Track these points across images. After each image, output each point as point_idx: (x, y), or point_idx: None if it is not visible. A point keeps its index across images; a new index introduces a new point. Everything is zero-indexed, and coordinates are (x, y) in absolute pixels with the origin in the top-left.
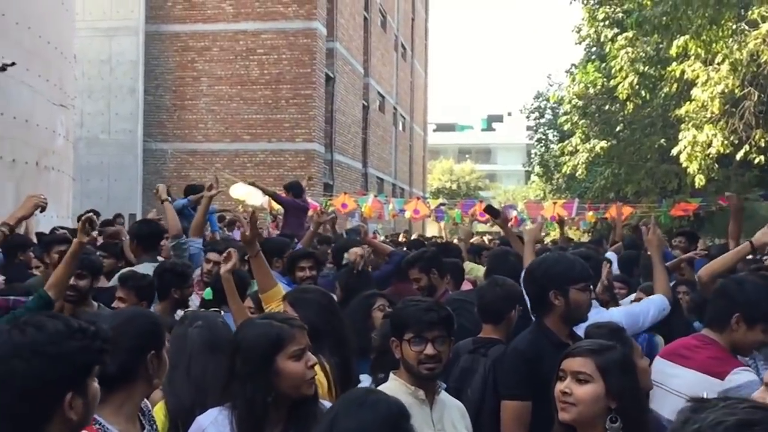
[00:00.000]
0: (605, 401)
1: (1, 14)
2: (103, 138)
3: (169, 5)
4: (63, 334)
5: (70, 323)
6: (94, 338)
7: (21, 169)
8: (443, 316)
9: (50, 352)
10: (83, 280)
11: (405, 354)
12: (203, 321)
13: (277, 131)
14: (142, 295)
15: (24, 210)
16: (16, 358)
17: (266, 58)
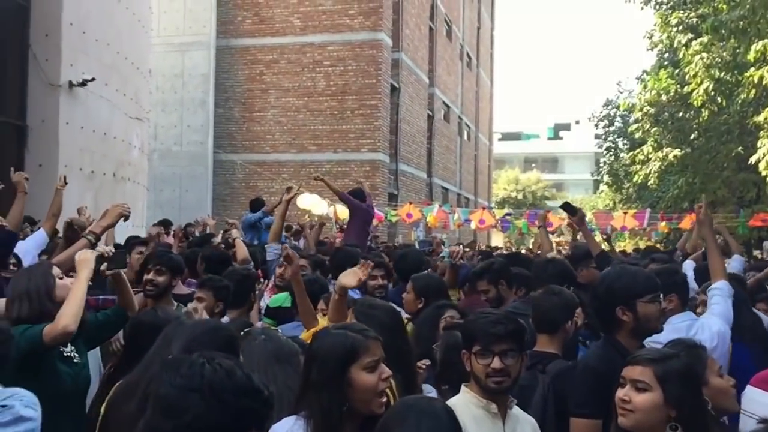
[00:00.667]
0: (664, 410)
1: (83, 32)
2: (175, 150)
3: (239, 20)
4: (244, 389)
5: (253, 382)
6: (264, 404)
7: (99, 180)
8: (511, 329)
9: (227, 400)
10: (162, 276)
11: (474, 367)
12: (265, 335)
13: (342, 142)
14: (220, 295)
15: (109, 219)
16: (197, 393)
17: (332, 69)
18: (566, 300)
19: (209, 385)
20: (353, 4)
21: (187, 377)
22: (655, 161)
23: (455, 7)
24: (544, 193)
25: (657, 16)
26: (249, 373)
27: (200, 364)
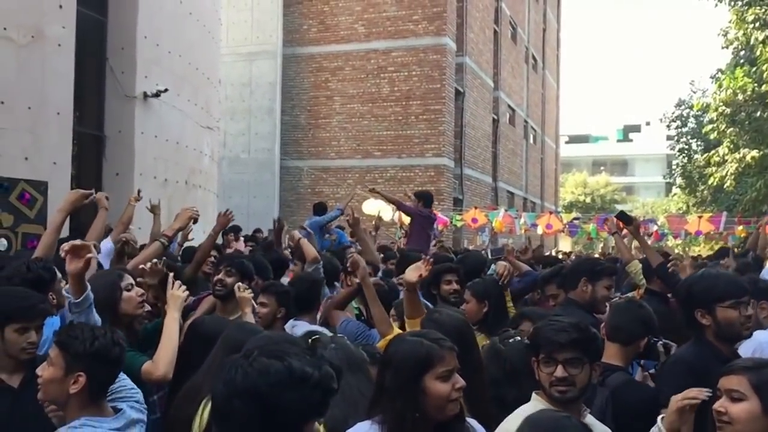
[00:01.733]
0: (763, 420)
1: (156, 45)
2: (243, 157)
3: (305, 28)
4: (283, 384)
5: (293, 372)
6: (314, 389)
7: (172, 187)
8: (576, 337)
9: (268, 400)
10: (231, 277)
11: (539, 375)
12: (335, 343)
13: (407, 147)
14: (282, 301)
15: (180, 222)
16: (237, 398)
17: (396, 75)
18: (649, 315)
19: (245, 389)
20: (417, 9)
21: (226, 383)
22: (731, 163)
23: (520, 9)
24: (613, 197)
25: (732, 12)
26: (291, 362)
27: (235, 368)
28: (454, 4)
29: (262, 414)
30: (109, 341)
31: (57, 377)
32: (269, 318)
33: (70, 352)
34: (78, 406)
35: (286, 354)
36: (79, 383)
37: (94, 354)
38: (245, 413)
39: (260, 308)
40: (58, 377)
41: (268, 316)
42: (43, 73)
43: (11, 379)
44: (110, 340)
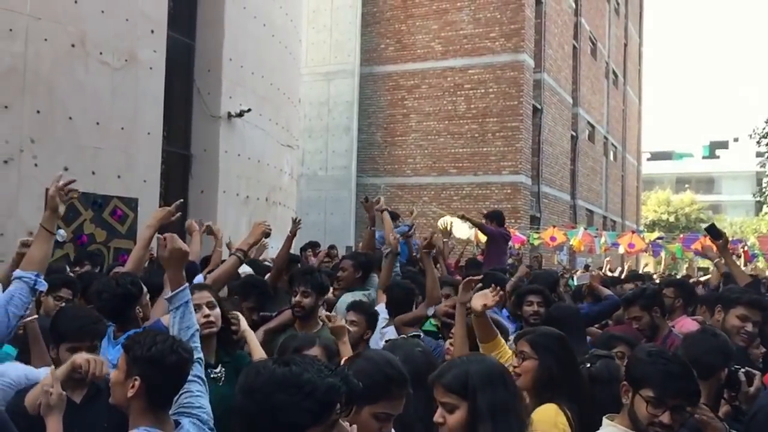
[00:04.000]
0: None
1: (240, 66)
2: (321, 174)
3: (382, 47)
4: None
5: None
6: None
7: (253, 204)
8: (694, 389)
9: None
10: (308, 297)
11: (637, 408)
12: (401, 355)
13: (483, 164)
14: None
15: (253, 237)
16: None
17: (473, 92)
18: (725, 343)
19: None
20: (495, 26)
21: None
22: None
23: (600, 24)
24: (699, 216)
25: None
26: (293, 369)
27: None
28: (532, 20)
29: (260, 413)
30: (167, 348)
31: (119, 380)
32: (356, 338)
33: (130, 356)
34: (138, 412)
35: (297, 363)
36: (135, 387)
37: (149, 359)
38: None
39: (350, 326)
40: (120, 380)
41: (356, 335)
42: (135, 94)
43: (74, 394)
44: (169, 346)
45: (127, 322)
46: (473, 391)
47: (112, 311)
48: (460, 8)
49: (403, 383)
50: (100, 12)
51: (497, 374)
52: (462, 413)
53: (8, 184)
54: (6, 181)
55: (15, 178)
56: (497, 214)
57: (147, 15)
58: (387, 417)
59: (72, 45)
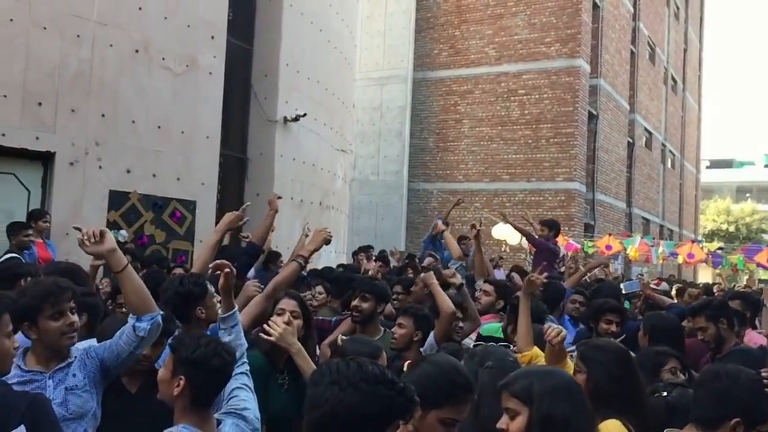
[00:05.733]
0: None
1: (297, 71)
2: (372, 179)
3: (435, 53)
4: (377, 378)
5: (386, 374)
6: (401, 393)
7: (307, 208)
8: None
9: (362, 388)
10: (366, 303)
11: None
12: (494, 361)
13: (536, 170)
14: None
15: (315, 243)
16: (335, 385)
17: (527, 98)
18: None
19: (344, 377)
20: (550, 31)
21: (326, 374)
22: None
23: (659, 29)
24: (760, 226)
25: None
26: (383, 367)
27: (336, 363)
28: (589, 25)
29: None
30: (210, 351)
31: (166, 378)
32: (405, 340)
33: (176, 356)
34: (181, 410)
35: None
36: (180, 386)
37: (193, 360)
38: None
39: (397, 329)
40: (166, 378)
41: (405, 338)
42: (195, 99)
43: (130, 384)
44: (212, 350)
45: (190, 322)
46: (536, 399)
47: (175, 310)
48: (515, 13)
49: (468, 389)
50: (162, 18)
51: (562, 386)
52: (523, 420)
53: (74, 186)
54: (71, 182)
55: (80, 180)
56: (554, 223)
57: (207, 21)
58: (452, 422)
59: (136, 50)
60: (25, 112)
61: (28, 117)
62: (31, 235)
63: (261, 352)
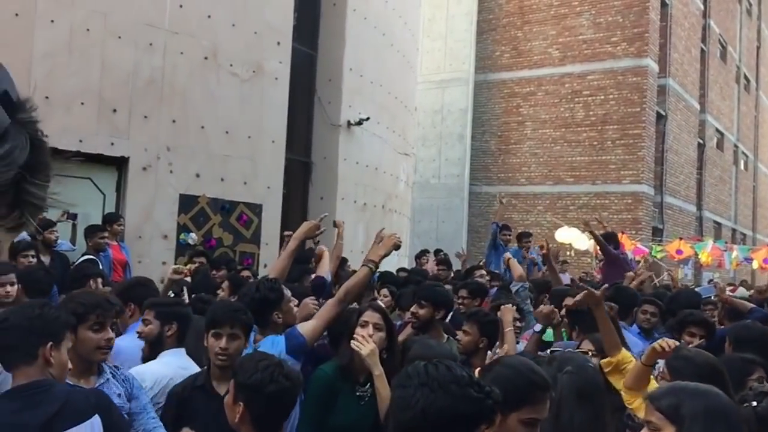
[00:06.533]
0: None
1: (360, 75)
2: (433, 182)
3: (497, 55)
4: (466, 381)
5: (473, 377)
6: (488, 395)
7: (370, 211)
8: None
9: (453, 390)
10: (423, 309)
11: None
12: (574, 366)
13: (602, 173)
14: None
15: (385, 248)
16: (426, 386)
17: (592, 99)
18: None
19: (434, 379)
20: (616, 31)
21: (414, 377)
22: None
23: (731, 26)
24: None
25: None
26: (469, 370)
27: (423, 365)
28: (657, 23)
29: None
30: (267, 376)
31: (229, 403)
32: (471, 347)
33: (236, 381)
34: None
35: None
36: (239, 413)
37: (250, 386)
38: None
39: (463, 336)
40: (229, 403)
41: (470, 344)
42: (261, 104)
43: (220, 387)
44: (269, 375)
45: (267, 326)
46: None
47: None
48: (579, 13)
49: (546, 386)
50: (231, 26)
51: (718, 409)
52: None
53: (146, 190)
54: (144, 186)
55: (152, 184)
56: (613, 235)
57: (274, 27)
58: (534, 422)
59: (205, 57)
60: (100, 119)
61: (103, 123)
62: (107, 237)
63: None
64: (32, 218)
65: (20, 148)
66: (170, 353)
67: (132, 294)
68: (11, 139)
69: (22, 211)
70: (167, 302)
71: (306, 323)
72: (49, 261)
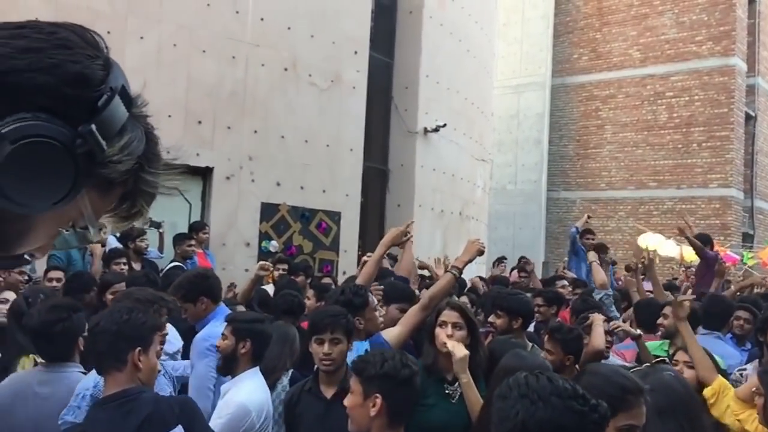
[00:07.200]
0: None
1: (436, 82)
2: (509, 188)
3: (575, 57)
4: (568, 393)
5: (577, 389)
6: (593, 409)
7: (447, 218)
8: None
9: (554, 402)
10: (499, 318)
11: None
12: (653, 383)
13: (687, 177)
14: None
15: (468, 254)
16: (526, 398)
17: (676, 100)
18: None
19: (535, 391)
20: (701, 30)
21: (514, 388)
22: None
23: None
24: None
25: None
26: (573, 383)
27: (524, 376)
28: (744, 21)
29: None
30: (398, 363)
31: (357, 403)
32: (557, 365)
33: (363, 377)
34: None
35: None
36: (377, 405)
37: (384, 375)
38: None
39: (547, 355)
40: (358, 403)
41: (556, 363)
42: (339, 113)
43: (326, 390)
44: (399, 361)
45: None
46: None
47: None
48: (661, 12)
49: (639, 390)
50: (309, 37)
51: None
52: None
53: (229, 199)
54: (227, 195)
55: (235, 193)
56: (706, 237)
57: (351, 37)
58: (632, 428)
59: (285, 69)
60: (186, 130)
61: (189, 135)
62: (193, 245)
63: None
64: (147, 206)
65: (138, 139)
66: (249, 375)
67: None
68: (130, 130)
69: (135, 201)
70: (245, 318)
71: (391, 329)
72: (139, 268)
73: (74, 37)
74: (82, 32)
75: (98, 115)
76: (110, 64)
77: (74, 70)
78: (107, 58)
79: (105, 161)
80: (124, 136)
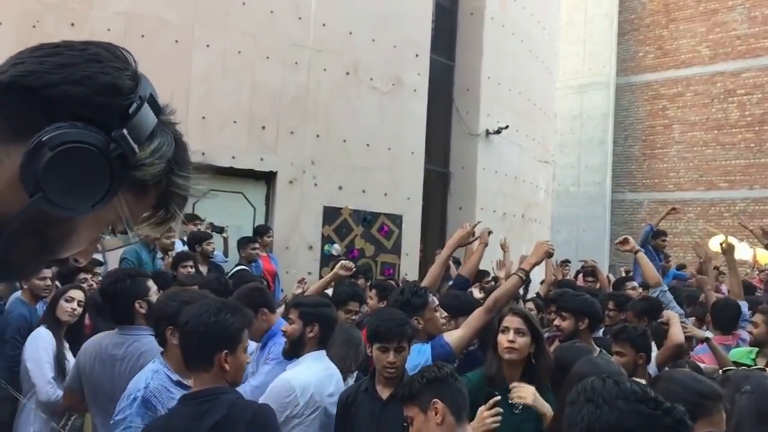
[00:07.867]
0: None
1: (498, 84)
2: (572, 190)
3: (641, 56)
4: (636, 396)
5: (647, 391)
6: (667, 413)
7: (510, 221)
8: None
9: (620, 406)
10: (565, 321)
11: None
12: (752, 385)
13: (761, 177)
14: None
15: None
16: (591, 402)
17: (748, 98)
18: None
19: (600, 395)
20: None
21: (581, 393)
22: None
23: None
24: None
25: None
26: (644, 386)
27: (591, 381)
28: None
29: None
30: (433, 368)
31: (422, 420)
32: (630, 368)
33: (414, 395)
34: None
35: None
36: (439, 409)
37: (430, 381)
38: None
39: (618, 358)
40: (423, 420)
41: (629, 365)
42: (400, 116)
43: (383, 391)
44: (434, 367)
45: None
46: None
47: None
48: (731, 7)
49: (717, 396)
50: (371, 41)
51: None
52: None
53: (292, 202)
54: (291, 199)
55: (298, 197)
56: None
57: (412, 40)
58: None
59: (347, 73)
60: (251, 136)
61: (253, 140)
62: (258, 249)
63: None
64: (180, 210)
65: (167, 144)
66: (311, 357)
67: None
68: (159, 135)
69: (168, 206)
70: (311, 302)
71: (453, 332)
72: (206, 271)
73: (104, 53)
74: (111, 48)
75: (129, 121)
76: (138, 75)
77: (105, 81)
78: (135, 71)
79: (137, 164)
80: (154, 140)
